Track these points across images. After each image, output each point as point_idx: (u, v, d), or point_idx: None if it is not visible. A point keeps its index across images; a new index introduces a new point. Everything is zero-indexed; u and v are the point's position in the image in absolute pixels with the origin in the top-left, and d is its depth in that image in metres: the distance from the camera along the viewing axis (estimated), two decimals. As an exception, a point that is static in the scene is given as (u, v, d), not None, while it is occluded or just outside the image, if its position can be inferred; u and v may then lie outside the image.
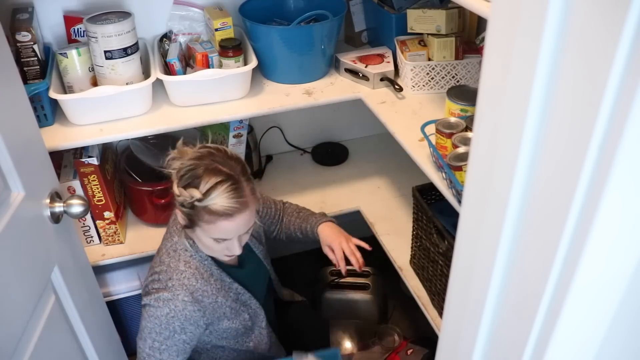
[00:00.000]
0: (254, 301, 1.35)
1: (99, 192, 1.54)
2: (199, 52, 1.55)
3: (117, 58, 1.42)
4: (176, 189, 1.17)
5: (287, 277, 2.10)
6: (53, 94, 1.39)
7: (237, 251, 1.23)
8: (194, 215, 1.16)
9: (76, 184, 1.51)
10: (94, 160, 1.49)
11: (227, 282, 1.29)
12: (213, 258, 1.27)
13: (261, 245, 1.47)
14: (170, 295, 1.20)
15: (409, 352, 1.75)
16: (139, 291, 1.73)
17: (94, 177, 1.50)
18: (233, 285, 1.30)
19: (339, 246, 1.45)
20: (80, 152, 1.53)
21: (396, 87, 1.56)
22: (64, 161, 1.58)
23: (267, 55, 1.59)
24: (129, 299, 1.74)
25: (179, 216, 1.21)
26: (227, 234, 1.18)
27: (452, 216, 1.19)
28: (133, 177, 1.66)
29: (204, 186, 1.13)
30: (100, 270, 1.66)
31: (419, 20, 1.51)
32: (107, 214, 1.59)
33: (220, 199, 1.13)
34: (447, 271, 1.24)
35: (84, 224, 1.60)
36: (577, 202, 0.44)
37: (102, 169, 1.53)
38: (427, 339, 1.77)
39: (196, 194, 1.13)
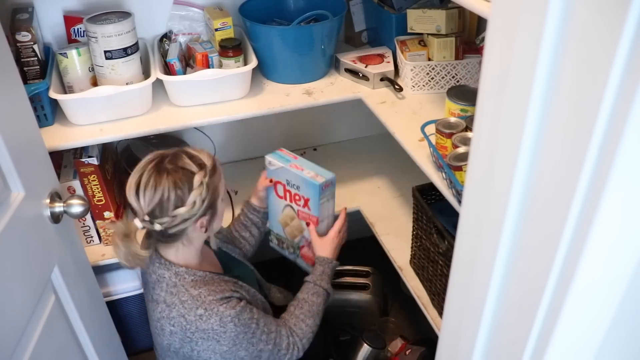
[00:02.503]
0: (259, 296, 1.35)
1: (99, 192, 1.53)
2: (199, 52, 1.55)
3: (117, 58, 1.42)
4: (187, 207, 1.14)
5: (286, 277, 2.09)
6: (53, 94, 1.39)
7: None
8: (212, 193, 1.18)
9: (76, 184, 1.51)
10: (94, 160, 1.49)
11: (234, 281, 1.28)
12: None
13: (236, 248, 1.49)
14: (216, 317, 1.15)
15: (408, 352, 1.76)
16: (139, 291, 1.73)
17: (94, 177, 1.50)
18: (239, 282, 1.30)
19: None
20: (80, 152, 1.53)
21: (396, 87, 1.56)
22: (64, 161, 1.58)
23: (267, 55, 1.59)
24: (129, 299, 1.74)
25: (201, 228, 1.19)
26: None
27: (452, 216, 1.19)
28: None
29: (193, 166, 1.15)
30: (100, 270, 1.66)
31: (419, 20, 1.51)
32: (107, 214, 1.59)
33: (204, 155, 1.19)
34: (447, 271, 1.24)
35: (84, 224, 1.60)
36: (577, 202, 0.44)
37: (102, 169, 1.53)
38: (425, 340, 1.78)
39: (199, 176, 1.14)
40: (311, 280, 1.39)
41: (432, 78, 1.53)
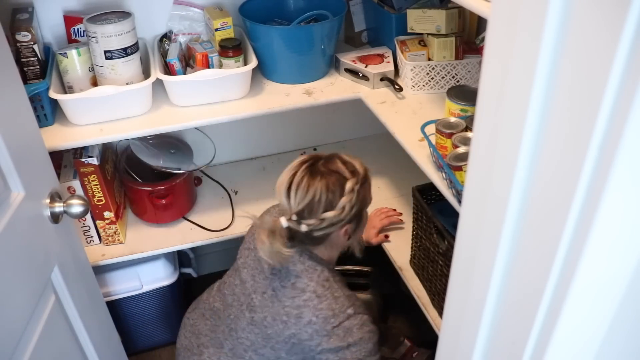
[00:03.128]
0: None
1: (99, 192, 1.54)
2: (199, 52, 1.55)
3: (117, 58, 1.42)
4: (336, 212, 1.16)
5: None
6: (53, 94, 1.39)
7: None
8: (361, 202, 1.20)
9: (76, 184, 1.51)
10: (94, 160, 1.49)
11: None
12: None
13: None
14: (359, 320, 1.19)
15: (414, 354, 1.76)
16: (139, 291, 1.74)
17: (93, 177, 1.50)
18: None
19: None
20: (80, 152, 1.53)
21: (396, 87, 1.56)
22: (64, 161, 1.58)
23: (267, 55, 1.59)
24: (129, 299, 1.74)
25: (344, 234, 1.21)
26: None
27: (452, 216, 1.19)
28: (133, 177, 1.66)
29: (346, 172, 1.18)
30: (100, 270, 1.66)
31: (419, 20, 1.51)
32: (107, 214, 1.59)
33: (356, 163, 1.23)
34: (447, 271, 1.24)
35: (84, 224, 1.60)
36: (577, 202, 0.44)
37: (102, 169, 1.53)
38: (432, 342, 1.78)
39: (351, 183, 1.16)
40: None
41: (432, 78, 1.53)
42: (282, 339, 1.23)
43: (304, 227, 1.15)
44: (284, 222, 1.15)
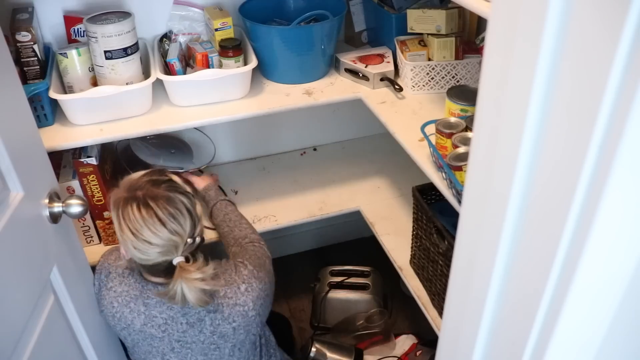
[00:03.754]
0: None
1: (98, 192, 1.53)
2: (199, 52, 1.55)
3: (117, 58, 1.42)
4: (190, 190, 1.20)
5: (287, 277, 2.10)
6: (53, 94, 1.39)
7: None
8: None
9: (75, 184, 1.51)
10: (93, 161, 1.48)
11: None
12: None
13: None
14: (246, 281, 1.22)
15: (418, 353, 1.76)
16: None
17: (92, 177, 1.50)
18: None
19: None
20: (79, 152, 1.53)
21: (396, 87, 1.56)
22: (64, 161, 1.58)
23: (267, 55, 1.59)
24: (129, 299, 1.74)
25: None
26: None
27: (452, 216, 1.19)
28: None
29: (159, 176, 1.18)
30: (100, 271, 1.66)
31: (419, 20, 1.51)
32: (106, 214, 1.59)
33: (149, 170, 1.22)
34: (447, 271, 1.24)
35: (83, 224, 1.60)
36: (577, 202, 0.44)
37: (101, 169, 1.52)
38: (435, 341, 1.78)
39: (174, 176, 1.20)
40: (213, 201, 1.52)
41: (432, 78, 1.53)
42: (226, 357, 1.25)
43: (197, 239, 1.15)
44: (180, 258, 1.11)
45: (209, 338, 1.21)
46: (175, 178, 1.20)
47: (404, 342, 1.82)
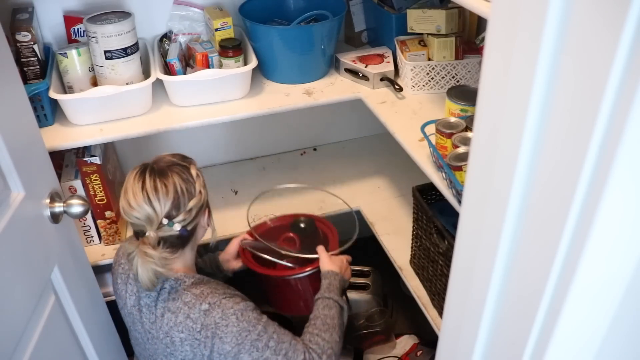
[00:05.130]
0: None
1: (101, 192, 1.54)
2: (199, 52, 1.55)
3: (117, 58, 1.42)
4: (197, 198, 1.17)
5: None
6: (53, 94, 1.39)
7: None
8: (204, 185, 1.21)
9: (77, 184, 1.51)
10: (97, 160, 1.49)
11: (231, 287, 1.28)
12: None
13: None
14: (219, 309, 1.14)
15: (419, 353, 1.76)
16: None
17: (95, 176, 1.50)
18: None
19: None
20: (83, 151, 1.53)
21: (396, 87, 1.56)
22: (66, 161, 1.58)
23: (267, 55, 1.59)
24: (129, 299, 1.74)
25: (207, 220, 1.24)
26: None
27: (452, 216, 1.19)
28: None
29: (186, 160, 1.20)
30: (100, 270, 1.66)
31: (419, 20, 1.51)
32: (108, 214, 1.59)
33: (177, 154, 1.24)
34: (447, 271, 1.24)
35: (84, 223, 1.61)
36: (577, 201, 0.44)
37: (103, 169, 1.53)
38: (435, 342, 1.78)
39: (194, 169, 1.19)
40: (320, 295, 1.32)
41: (432, 78, 1.53)
42: None
43: (177, 227, 1.14)
44: (152, 235, 1.11)
45: (165, 338, 1.17)
46: (193, 170, 1.19)
47: (406, 343, 1.82)
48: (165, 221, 1.13)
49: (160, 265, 1.11)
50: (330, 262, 1.38)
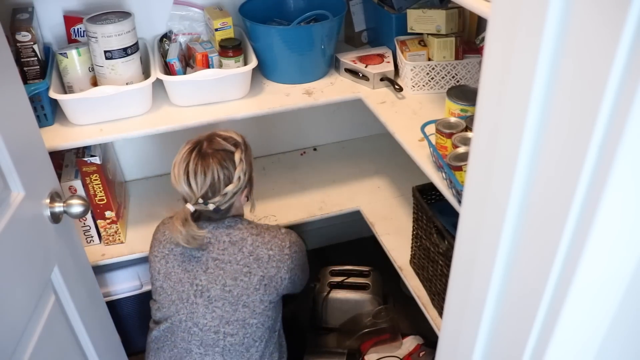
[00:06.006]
0: None
1: (101, 192, 1.54)
2: (199, 52, 1.55)
3: (117, 58, 1.42)
4: (235, 183, 1.27)
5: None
6: (53, 94, 1.39)
7: None
8: (249, 167, 1.32)
9: (77, 184, 1.51)
10: (97, 160, 1.49)
11: None
12: None
13: None
14: (288, 231, 1.38)
15: (422, 354, 1.76)
16: (139, 291, 1.73)
17: (96, 176, 1.50)
18: None
19: None
20: (83, 151, 1.53)
21: (396, 87, 1.56)
22: (66, 160, 1.58)
23: (267, 55, 1.59)
24: (129, 299, 1.74)
25: (245, 197, 1.36)
26: None
27: (452, 216, 1.19)
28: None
29: (229, 146, 1.29)
30: (100, 270, 1.66)
31: (419, 20, 1.51)
32: (108, 214, 1.59)
33: (233, 134, 1.34)
34: (447, 271, 1.24)
35: (84, 223, 1.60)
36: (577, 202, 0.44)
37: (103, 168, 1.53)
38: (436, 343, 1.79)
39: (238, 154, 1.27)
40: None
41: (432, 78, 1.53)
42: (252, 289, 1.30)
43: (211, 206, 1.27)
44: (190, 207, 1.27)
45: (246, 258, 1.30)
46: (238, 155, 1.28)
47: (411, 343, 1.82)
48: (200, 200, 1.26)
49: (185, 240, 1.25)
50: None
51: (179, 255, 1.33)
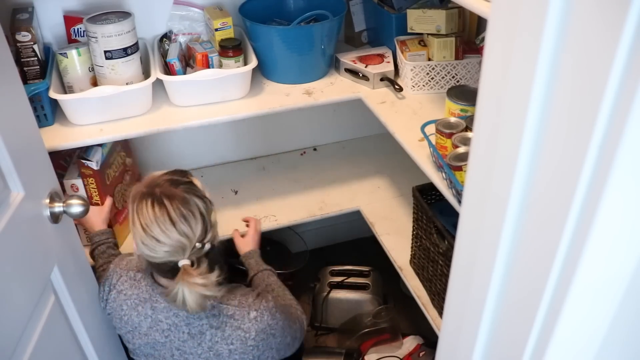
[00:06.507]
0: None
1: (96, 195, 1.53)
2: (199, 52, 1.55)
3: (117, 58, 1.42)
4: (209, 197, 1.17)
5: (287, 277, 2.09)
6: (53, 94, 1.39)
7: None
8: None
9: (79, 183, 1.51)
10: (93, 165, 1.47)
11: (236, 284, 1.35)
12: None
13: None
14: (261, 310, 1.21)
15: (422, 354, 1.76)
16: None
17: (92, 180, 1.50)
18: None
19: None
20: (86, 150, 1.52)
21: (396, 87, 1.56)
22: (74, 158, 1.57)
23: (267, 55, 1.59)
24: (129, 299, 1.74)
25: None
26: None
27: (452, 216, 1.19)
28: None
29: (181, 176, 1.17)
30: (100, 270, 1.66)
31: (419, 20, 1.51)
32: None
33: (172, 170, 1.20)
34: (447, 271, 1.24)
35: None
36: (577, 202, 0.44)
37: (101, 173, 1.51)
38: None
39: (195, 179, 1.18)
40: (256, 271, 1.44)
41: (432, 78, 1.53)
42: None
43: (207, 246, 1.12)
44: (186, 261, 1.10)
45: (206, 352, 1.21)
46: (196, 181, 1.18)
47: (411, 343, 1.82)
48: (198, 245, 1.11)
49: (210, 285, 1.10)
50: (245, 243, 1.52)
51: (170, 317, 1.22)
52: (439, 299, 1.40)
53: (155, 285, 1.22)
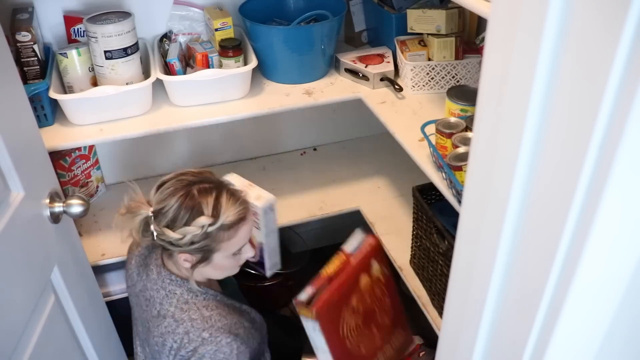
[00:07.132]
0: (258, 315, 1.35)
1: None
2: (199, 52, 1.55)
3: (117, 58, 1.42)
4: (175, 234, 1.10)
5: (287, 277, 2.09)
6: (53, 94, 1.39)
7: (252, 251, 1.24)
8: (211, 243, 1.12)
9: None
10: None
11: (237, 305, 1.29)
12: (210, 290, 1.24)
13: None
14: (214, 346, 1.13)
15: (421, 354, 1.76)
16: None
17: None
18: (242, 306, 1.31)
19: None
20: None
21: (396, 87, 1.56)
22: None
23: (267, 55, 1.59)
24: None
25: (184, 261, 1.15)
26: (246, 236, 1.18)
27: (452, 216, 1.19)
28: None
29: (208, 208, 1.10)
30: (100, 270, 1.66)
31: (419, 20, 1.51)
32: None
33: (230, 209, 1.12)
34: (447, 271, 1.24)
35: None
36: (577, 202, 0.44)
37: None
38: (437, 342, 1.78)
39: (205, 220, 1.10)
40: None
41: (432, 78, 1.53)
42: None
43: (152, 227, 1.12)
44: (145, 212, 1.12)
45: (157, 338, 1.19)
46: (203, 219, 1.12)
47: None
48: (150, 214, 1.15)
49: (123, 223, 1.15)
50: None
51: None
52: (439, 299, 1.40)
53: (153, 256, 1.28)
